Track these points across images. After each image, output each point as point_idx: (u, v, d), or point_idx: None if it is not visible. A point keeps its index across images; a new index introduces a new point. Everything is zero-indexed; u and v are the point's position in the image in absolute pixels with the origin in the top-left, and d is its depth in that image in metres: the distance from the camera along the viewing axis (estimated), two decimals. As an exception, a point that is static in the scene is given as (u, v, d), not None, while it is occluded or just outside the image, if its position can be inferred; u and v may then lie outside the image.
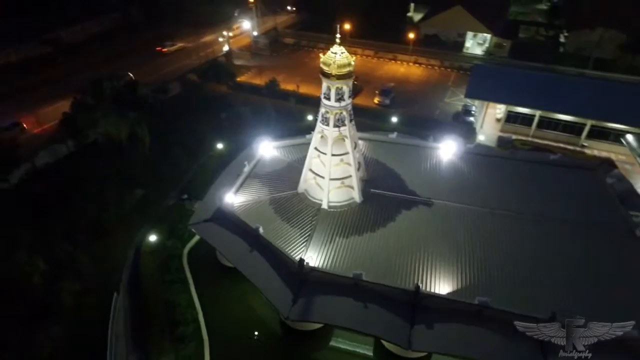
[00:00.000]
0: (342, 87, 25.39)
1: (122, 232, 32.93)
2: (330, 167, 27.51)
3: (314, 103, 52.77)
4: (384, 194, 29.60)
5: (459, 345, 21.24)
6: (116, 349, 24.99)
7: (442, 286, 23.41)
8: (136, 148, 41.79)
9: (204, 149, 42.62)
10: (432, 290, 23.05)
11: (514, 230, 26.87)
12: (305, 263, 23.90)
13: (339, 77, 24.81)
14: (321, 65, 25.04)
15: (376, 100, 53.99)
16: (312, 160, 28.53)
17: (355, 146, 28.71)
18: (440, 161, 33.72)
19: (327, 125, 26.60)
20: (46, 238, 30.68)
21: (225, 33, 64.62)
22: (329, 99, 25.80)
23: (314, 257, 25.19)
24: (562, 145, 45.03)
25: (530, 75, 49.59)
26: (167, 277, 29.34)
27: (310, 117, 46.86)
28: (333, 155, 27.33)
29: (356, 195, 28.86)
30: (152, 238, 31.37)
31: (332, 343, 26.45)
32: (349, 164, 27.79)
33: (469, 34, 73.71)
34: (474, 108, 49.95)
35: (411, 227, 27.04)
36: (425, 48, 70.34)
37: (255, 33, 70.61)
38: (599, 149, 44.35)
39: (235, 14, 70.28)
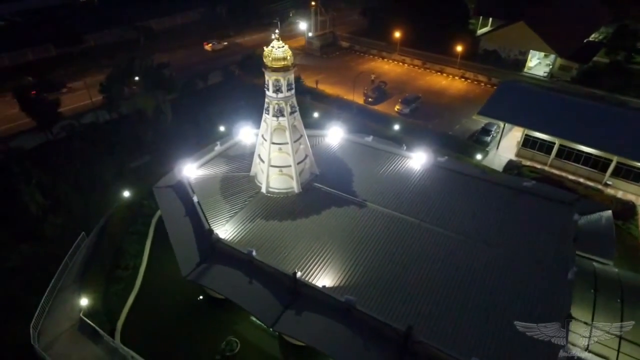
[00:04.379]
0: (279, 80, 27.05)
1: (118, 187, 38.40)
2: (270, 154, 29.32)
3: (328, 102, 54.76)
4: (324, 189, 30.46)
5: (319, 338, 21.57)
6: (67, 274, 30.07)
7: (324, 279, 23.80)
8: (159, 122, 48.07)
9: (214, 130, 47.03)
10: (311, 281, 23.59)
11: (431, 244, 25.89)
12: (214, 234, 26.18)
13: (274, 70, 26.58)
14: (263, 57, 27.08)
15: (397, 107, 53.44)
16: (259, 146, 30.63)
17: (300, 138, 30.07)
18: (402, 169, 33.20)
19: (268, 114, 28.48)
20: (56, 181, 37.51)
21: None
22: (268, 89, 27.66)
23: (228, 230, 27.34)
24: (581, 180, 40.03)
25: (558, 98, 44.78)
26: (132, 228, 33.92)
27: (316, 115, 48.62)
28: (273, 143, 29.09)
29: (295, 185, 30.18)
30: (132, 195, 36.26)
31: (253, 317, 28.15)
32: (288, 153, 29.27)
33: (536, 53, 67.99)
34: (494, 128, 46.72)
35: (329, 222, 27.62)
36: (476, 63, 66.89)
37: (310, 34, 74.10)
38: (624, 190, 38.56)
39: (290, 15, 74.48)
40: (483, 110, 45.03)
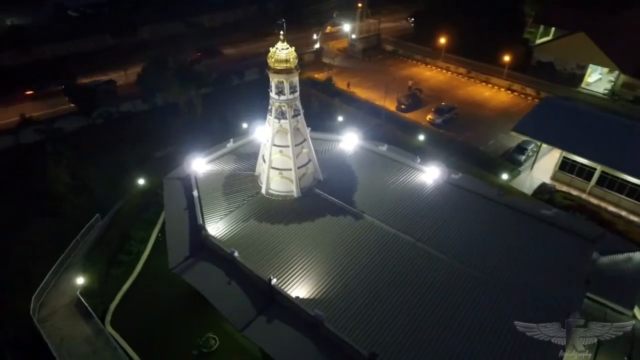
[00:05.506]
0: (282, 82, 26.63)
1: (138, 174, 40.08)
2: (271, 156, 29.07)
3: (357, 105, 53.54)
4: (323, 196, 29.67)
5: (284, 351, 20.88)
6: (77, 253, 31.92)
7: (300, 289, 23.07)
8: (190, 114, 49.82)
9: (237, 126, 47.75)
10: (288, 290, 22.97)
11: (421, 267, 24.18)
12: (204, 229, 26.42)
13: (276, 72, 26.21)
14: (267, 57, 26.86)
15: (429, 117, 51.06)
16: (263, 147, 30.48)
17: (303, 142, 29.52)
18: (411, 183, 31.53)
19: (271, 115, 28.22)
20: (85, 163, 40.00)
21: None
22: (271, 91, 27.39)
23: (220, 228, 27.44)
24: (623, 213, 35.81)
25: (606, 119, 40.19)
26: (142, 215, 35.30)
27: (340, 118, 47.70)
28: (274, 145, 28.81)
29: (294, 189, 29.70)
30: (149, 183, 37.69)
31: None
32: (288, 156, 28.83)
33: (597, 68, 61.91)
34: (531, 147, 43.08)
35: (321, 231, 26.82)
36: (526, 75, 62.15)
37: (353, 36, 73.03)
38: (673, 230, 33.87)
39: (334, 15, 73.76)
40: (518, 126, 41.67)
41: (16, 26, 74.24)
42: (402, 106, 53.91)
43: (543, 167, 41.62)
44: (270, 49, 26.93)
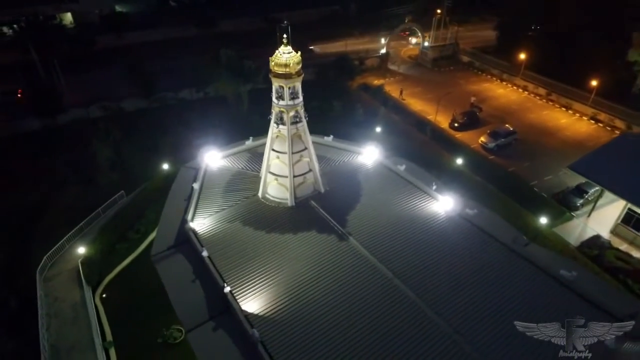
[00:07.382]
0: (283, 87, 25.71)
1: (171, 159, 41.98)
2: (269, 160, 28.42)
3: (404, 116, 50.22)
4: (316, 210, 28.21)
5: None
6: (96, 223, 34.71)
7: (254, 303, 22.06)
8: (237, 108, 51.41)
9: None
10: (242, 300, 22.17)
11: (392, 308, 21.54)
12: (187, 223, 26.79)
13: (276, 75, 25.34)
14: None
15: (481, 139, 46.03)
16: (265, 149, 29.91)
17: (303, 150, 28.34)
18: (418, 210, 28.46)
19: (271, 119, 27.52)
20: (129, 142, 43.30)
21: (386, 36, 65.98)
22: (272, 94, 26.66)
23: (206, 224, 27.57)
24: (696, 290, 28.43)
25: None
26: (160, 198, 37.04)
27: (378, 129, 45.11)
28: (272, 150, 28.09)
29: (288, 198, 28.71)
30: (173, 167, 39.53)
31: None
32: (284, 163, 27.90)
33: None
34: (592, 190, 36.44)
35: (300, 245, 25.48)
36: (617, 104, 52.74)
37: (425, 44, 68.88)
38: None
39: (406, 20, 69.98)
40: (578, 164, 35.42)
41: (120, 13, 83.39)
42: (456, 124, 49.43)
43: (604, 216, 34.97)
44: (276, 51, 26.15)
